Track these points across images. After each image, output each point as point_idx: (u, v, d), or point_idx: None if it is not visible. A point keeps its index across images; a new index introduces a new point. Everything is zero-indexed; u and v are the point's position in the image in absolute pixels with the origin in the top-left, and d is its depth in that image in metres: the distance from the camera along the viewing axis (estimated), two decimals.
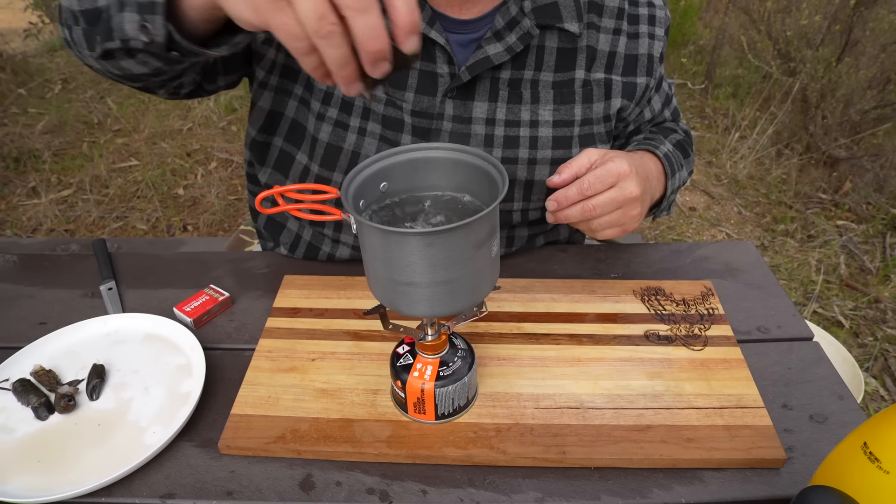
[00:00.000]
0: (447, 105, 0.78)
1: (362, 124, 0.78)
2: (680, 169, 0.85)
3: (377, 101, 0.61)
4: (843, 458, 0.48)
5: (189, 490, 0.58)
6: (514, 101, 0.79)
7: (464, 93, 0.78)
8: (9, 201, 2.56)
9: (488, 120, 0.79)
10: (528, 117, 0.79)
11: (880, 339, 1.87)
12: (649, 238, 2.38)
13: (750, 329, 0.76)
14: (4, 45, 3.99)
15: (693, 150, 0.93)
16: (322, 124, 0.78)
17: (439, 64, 0.76)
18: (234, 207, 2.55)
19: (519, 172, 0.81)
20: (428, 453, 0.59)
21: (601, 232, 0.71)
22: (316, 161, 0.80)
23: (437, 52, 0.76)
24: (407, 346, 0.63)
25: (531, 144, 0.80)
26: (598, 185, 0.68)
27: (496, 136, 0.79)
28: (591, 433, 0.61)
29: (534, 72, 0.79)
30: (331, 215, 0.60)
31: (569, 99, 0.80)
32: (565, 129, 0.81)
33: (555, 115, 0.80)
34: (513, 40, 0.76)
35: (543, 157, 0.80)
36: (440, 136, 0.78)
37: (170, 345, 0.73)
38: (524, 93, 0.79)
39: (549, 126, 0.80)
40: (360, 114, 0.78)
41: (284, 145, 0.82)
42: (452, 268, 0.51)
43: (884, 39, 2.66)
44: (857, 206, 2.46)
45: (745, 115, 3.00)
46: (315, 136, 0.78)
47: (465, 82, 0.76)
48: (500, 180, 0.53)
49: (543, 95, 0.79)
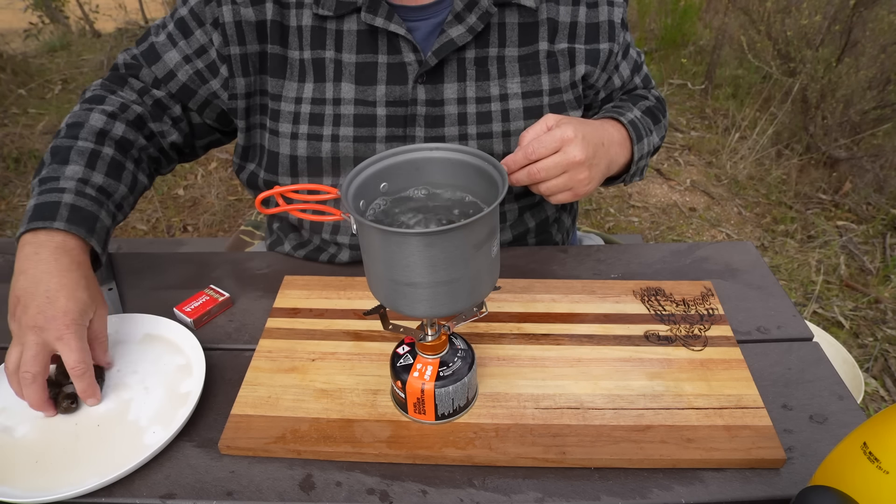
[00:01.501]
0: (419, 90, 0.80)
1: (335, 131, 0.80)
2: (649, 134, 0.88)
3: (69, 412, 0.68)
4: (842, 458, 0.48)
5: (189, 490, 0.58)
6: (483, 79, 0.82)
7: (433, 77, 0.81)
8: (9, 201, 2.56)
9: (459, 99, 0.82)
10: (498, 92, 0.82)
11: (880, 340, 1.87)
12: (649, 238, 2.38)
13: (750, 329, 0.76)
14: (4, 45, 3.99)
15: (666, 117, 0.96)
16: (297, 142, 0.81)
17: (405, 53, 0.79)
18: (234, 208, 2.56)
19: (495, 146, 0.83)
20: (428, 453, 0.60)
21: (553, 196, 0.75)
22: (303, 175, 0.82)
23: (400, 43, 0.79)
24: (407, 347, 0.63)
25: (503, 118, 0.83)
26: (542, 151, 0.71)
27: (469, 113, 0.82)
28: (591, 433, 0.61)
29: (498, 48, 0.82)
30: (331, 215, 0.60)
31: (534, 70, 0.83)
32: (535, 98, 0.83)
33: (523, 87, 0.83)
34: (473, 20, 0.79)
35: (517, 129, 0.83)
36: (416, 120, 0.81)
37: (170, 345, 0.73)
38: (491, 69, 0.82)
39: (519, 98, 0.83)
40: (331, 122, 0.80)
41: (265, 175, 0.85)
42: (452, 268, 0.51)
43: (883, 40, 2.66)
44: (857, 206, 2.46)
45: (745, 116, 3.00)
46: (293, 155, 0.81)
47: (433, 67, 0.79)
48: (500, 180, 0.53)
49: (510, 69, 0.82)
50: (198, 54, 0.82)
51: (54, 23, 4.35)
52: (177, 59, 0.82)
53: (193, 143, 0.91)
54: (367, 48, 0.79)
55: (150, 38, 0.84)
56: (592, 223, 2.47)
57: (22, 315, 0.63)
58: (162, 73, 0.82)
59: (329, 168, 0.81)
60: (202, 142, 0.92)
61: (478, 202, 0.59)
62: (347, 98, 0.80)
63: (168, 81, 0.83)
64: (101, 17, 4.39)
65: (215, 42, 0.80)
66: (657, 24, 3.85)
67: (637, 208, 2.56)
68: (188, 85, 0.83)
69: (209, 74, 0.82)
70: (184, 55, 0.82)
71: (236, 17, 0.78)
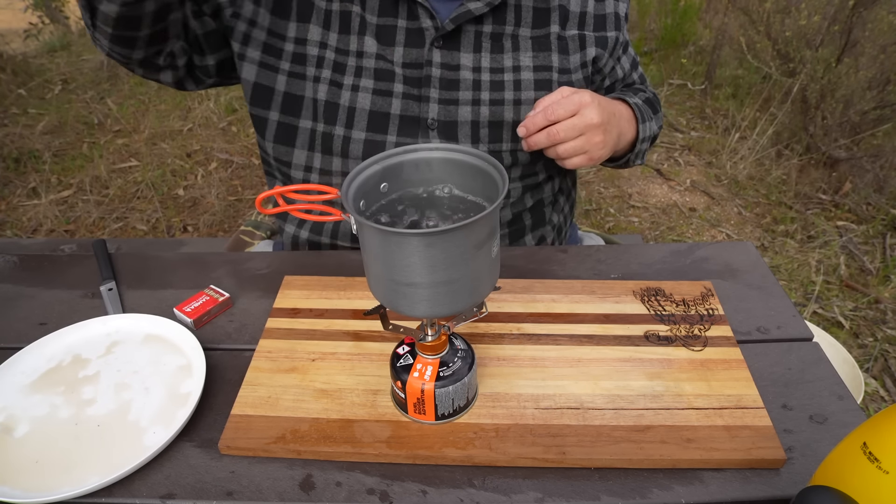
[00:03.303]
0: (434, 54, 0.85)
1: (355, 82, 0.84)
2: (650, 120, 0.95)
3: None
4: (842, 458, 0.48)
5: (189, 490, 0.58)
6: (497, 52, 0.87)
7: (450, 43, 0.85)
8: (9, 202, 2.56)
9: (475, 68, 0.86)
10: (511, 63, 0.87)
11: (880, 340, 1.87)
12: (649, 238, 2.38)
13: (750, 329, 0.76)
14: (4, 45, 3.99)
15: (661, 111, 1.02)
16: (318, 85, 0.84)
17: (423, 19, 0.84)
18: (234, 208, 2.56)
19: (506, 113, 0.87)
20: (428, 454, 0.60)
21: (569, 160, 0.80)
22: (320, 121, 0.85)
23: (419, 10, 0.84)
24: (407, 347, 0.63)
25: (515, 87, 0.87)
26: (561, 112, 0.77)
27: (483, 80, 0.86)
28: (591, 433, 0.61)
29: (514, 27, 0.87)
30: (331, 215, 0.60)
31: (546, 48, 0.89)
32: (545, 73, 0.88)
33: (534, 61, 0.88)
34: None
35: (527, 98, 0.87)
36: (430, 82, 0.85)
37: (170, 345, 0.73)
38: (505, 44, 0.87)
39: (531, 70, 0.88)
40: (353, 73, 0.85)
41: (282, 118, 0.87)
42: (452, 268, 0.51)
43: (883, 40, 2.66)
44: (857, 206, 2.46)
45: (745, 116, 3.00)
46: (314, 98, 0.84)
47: (449, 33, 0.84)
48: (500, 181, 0.53)
49: (523, 45, 0.88)
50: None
51: (54, 23, 4.34)
52: None
53: (204, 54, 0.87)
54: (388, 12, 0.84)
55: None
56: (592, 223, 2.47)
57: None
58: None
59: (344, 117, 0.84)
60: (214, 56, 0.88)
61: (478, 202, 0.59)
62: (370, 52, 0.84)
63: None
64: None
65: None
66: (657, 24, 3.85)
67: (637, 208, 2.56)
68: None
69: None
70: None
71: None
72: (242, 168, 2.81)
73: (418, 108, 0.85)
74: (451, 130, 0.87)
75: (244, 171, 2.79)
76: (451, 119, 0.86)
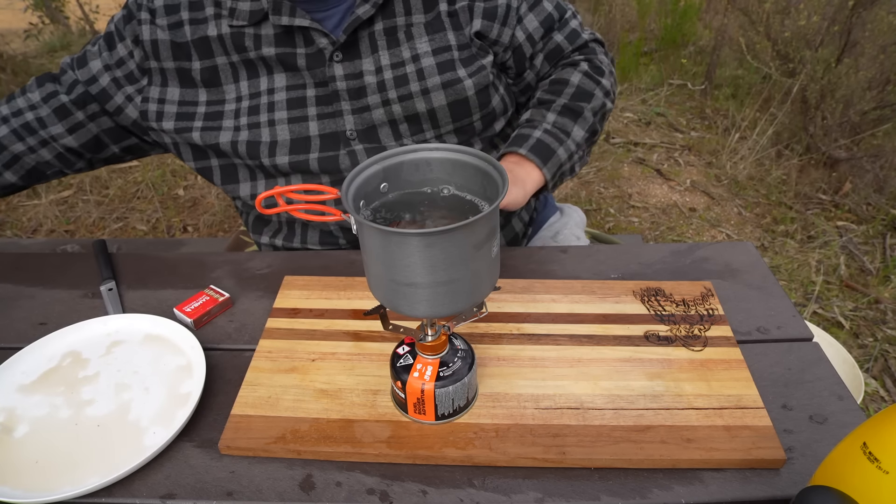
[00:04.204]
0: (336, 68, 0.86)
1: (270, 117, 0.87)
2: (564, 140, 0.91)
3: None
4: (842, 458, 0.48)
5: (189, 490, 0.58)
6: (394, 46, 0.87)
7: (350, 54, 0.86)
8: (9, 202, 2.56)
9: (377, 69, 0.86)
10: (409, 54, 0.87)
11: (880, 340, 1.87)
12: (649, 239, 2.38)
13: (750, 330, 0.76)
14: (4, 45, 3.99)
15: (601, 82, 0.96)
16: (239, 133, 0.87)
17: (318, 40, 0.85)
18: (234, 208, 2.55)
19: (418, 105, 0.87)
20: (428, 454, 0.60)
21: None
22: (243, 158, 0.89)
23: (311, 34, 0.85)
24: (407, 347, 0.63)
25: (419, 76, 0.87)
26: None
27: (386, 79, 0.86)
28: (591, 433, 0.61)
29: (405, 17, 0.87)
30: (331, 216, 0.60)
31: (439, 28, 0.88)
32: (445, 53, 0.87)
33: (432, 45, 0.87)
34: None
35: (434, 84, 0.87)
36: (339, 96, 0.87)
37: (170, 345, 0.73)
38: (399, 36, 0.87)
39: (430, 55, 0.87)
40: (266, 109, 0.87)
41: (221, 161, 0.92)
42: (452, 268, 0.51)
43: (883, 40, 2.66)
44: (857, 206, 2.46)
45: (745, 116, 3.00)
46: (234, 141, 0.87)
47: (346, 45, 0.85)
48: (500, 181, 0.53)
49: (416, 32, 0.87)
50: (118, 65, 0.90)
51: (54, 23, 4.35)
52: (98, 67, 0.90)
53: (102, 146, 0.96)
54: (285, 44, 0.85)
55: (86, 47, 0.93)
56: (592, 223, 2.47)
57: None
58: (85, 77, 0.91)
59: (266, 150, 0.87)
60: (119, 145, 0.97)
61: (477, 202, 0.59)
62: (279, 86, 0.87)
63: (90, 85, 0.90)
64: (102, 18, 4.39)
65: (136, 56, 0.89)
66: (657, 24, 3.85)
67: (637, 208, 2.56)
68: (107, 90, 0.90)
69: (125, 81, 0.90)
70: (105, 64, 0.90)
71: (153, 35, 0.87)
72: None
73: (335, 124, 0.87)
74: (372, 135, 0.88)
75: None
76: (368, 125, 0.88)
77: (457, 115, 0.90)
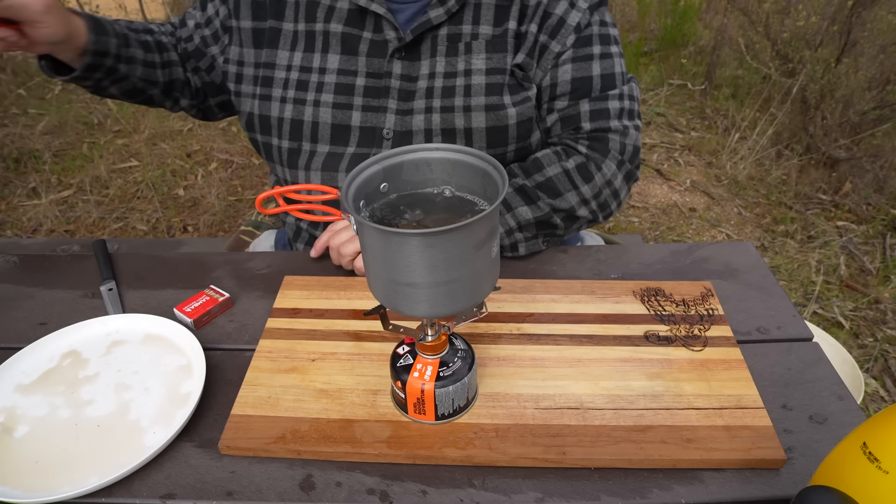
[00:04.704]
0: (395, 65, 0.86)
1: (317, 97, 0.87)
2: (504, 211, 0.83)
3: None
4: (842, 458, 0.48)
5: (189, 490, 0.58)
6: (452, 55, 0.86)
7: (412, 54, 0.86)
8: (9, 202, 2.56)
9: (430, 74, 0.86)
10: (463, 67, 0.86)
11: (880, 340, 1.87)
12: (649, 239, 2.38)
13: (750, 330, 0.76)
14: None
15: (593, 182, 0.85)
16: (285, 105, 0.88)
17: (386, 31, 0.85)
18: (234, 208, 2.55)
19: (457, 121, 0.86)
20: (428, 454, 0.60)
21: None
22: (284, 138, 0.89)
23: (382, 23, 0.85)
24: (407, 347, 0.63)
25: (465, 92, 0.85)
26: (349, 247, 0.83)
27: (435, 87, 0.86)
28: (591, 433, 0.61)
29: (472, 26, 0.86)
30: (331, 216, 0.60)
31: (501, 48, 0.86)
32: (497, 76, 0.85)
33: (487, 64, 0.86)
34: (451, 3, 0.84)
35: (477, 104, 0.85)
36: (389, 93, 0.86)
37: (170, 345, 0.73)
38: (460, 45, 0.86)
39: (483, 74, 0.85)
40: (314, 88, 0.87)
41: (262, 138, 0.93)
42: (452, 268, 0.51)
43: (882, 40, 2.66)
44: (857, 206, 2.46)
45: (745, 116, 3.00)
46: (280, 117, 0.88)
47: (410, 44, 0.85)
48: (500, 181, 0.53)
49: (477, 46, 0.86)
50: (206, 23, 0.94)
51: None
52: (191, 25, 0.96)
53: (207, 98, 1.02)
54: (354, 24, 0.86)
55: (188, 8, 0.99)
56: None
57: None
58: (185, 35, 0.96)
59: (308, 132, 0.88)
60: (215, 100, 1.02)
61: (477, 202, 0.59)
62: (331, 68, 0.87)
63: (187, 42, 0.96)
64: None
65: (220, 14, 0.93)
66: (657, 24, 3.85)
67: (637, 208, 2.56)
68: (199, 47, 0.95)
69: (211, 40, 0.94)
70: (196, 23, 0.95)
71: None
72: (242, 168, 2.81)
73: (376, 119, 0.87)
74: (406, 140, 0.87)
75: (244, 171, 2.79)
76: (405, 129, 0.86)
77: (493, 140, 0.87)
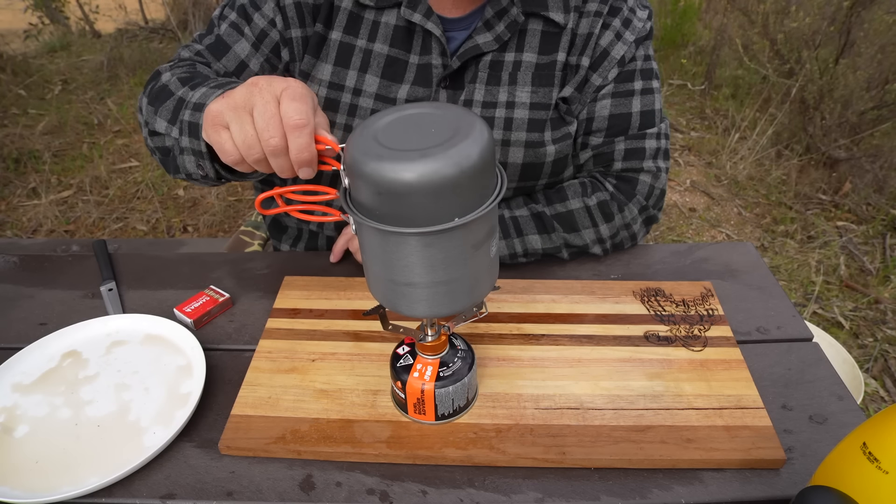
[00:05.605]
0: (441, 94, 0.80)
1: (348, 121, 0.81)
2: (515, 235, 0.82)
3: None
4: (842, 458, 0.48)
5: (189, 490, 0.58)
6: (493, 83, 0.80)
7: (455, 82, 0.81)
8: (9, 202, 2.56)
9: (466, 101, 0.80)
10: (505, 98, 0.80)
11: (880, 340, 1.87)
12: (649, 239, 2.38)
13: (749, 330, 0.76)
14: (4, 45, 3.99)
15: (612, 223, 0.84)
16: None
17: (434, 55, 0.80)
18: (234, 208, 2.55)
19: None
20: (428, 454, 0.60)
21: None
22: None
23: (433, 42, 0.79)
24: (407, 347, 0.63)
25: (505, 126, 0.81)
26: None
27: None
28: (591, 434, 0.61)
29: (515, 53, 0.81)
30: (331, 216, 0.60)
31: (548, 82, 0.81)
32: (541, 111, 0.81)
33: (532, 98, 0.81)
34: (501, 29, 0.78)
35: (517, 140, 0.81)
36: None
37: (170, 345, 0.73)
38: (503, 75, 0.80)
39: (526, 108, 0.81)
40: (345, 111, 0.80)
41: None
42: (451, 268, 0.51)
43: (881, 40, 2.66)
44: (857, 206, 2.46)
45: (745, 116, 3.00)
46: None
47: (455, 71, 0.79)
48: (499, 179, 0.53)
49: (521, 77, 0.80)
50: (260, 40, 0.80)
51: (54, 23, 4.34)
52: (248, 50, 0.81)
53: None
54: (401, 44, 0.79)
55: (214, 30, 0.82)
56: None
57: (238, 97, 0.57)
58: (234, 64, 0.81)
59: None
60: None
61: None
62: (369, 91, 0.80)
63: (241, 72, 0.81)
64: (101, 18, 4.39)
65: (277, 24, 0.79)
66: (657, 25, 3.85)
67: None
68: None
69: (276, 60, 0.81)
70: (251, 43, 0.80)
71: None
72: None
73: None
74: None
75: None
76: None
77: (525, 175, 0.83)
